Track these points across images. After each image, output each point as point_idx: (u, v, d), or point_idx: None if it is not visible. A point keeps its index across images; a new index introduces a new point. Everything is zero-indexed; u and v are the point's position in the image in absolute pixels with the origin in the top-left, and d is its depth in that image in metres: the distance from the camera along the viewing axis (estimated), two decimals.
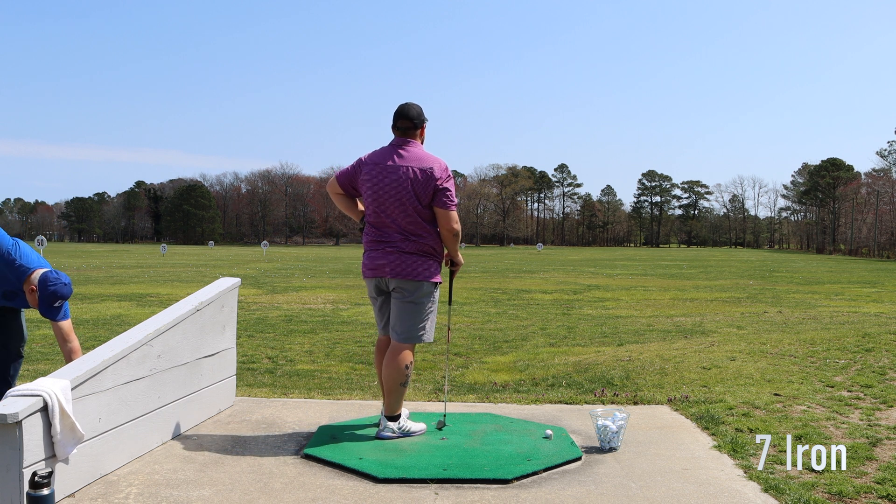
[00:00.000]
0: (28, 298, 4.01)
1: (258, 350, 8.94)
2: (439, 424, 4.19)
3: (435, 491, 3.29)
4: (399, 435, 4.02)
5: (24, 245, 4.11)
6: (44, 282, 3.92)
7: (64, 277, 4.01)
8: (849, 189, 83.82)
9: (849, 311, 13.21)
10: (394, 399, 3.99)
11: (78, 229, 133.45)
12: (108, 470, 3.40)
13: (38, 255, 4.13)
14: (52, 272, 3.99)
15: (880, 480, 3.39)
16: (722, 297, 17.21)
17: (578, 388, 6.11)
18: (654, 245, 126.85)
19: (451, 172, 4.04)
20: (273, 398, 5.19)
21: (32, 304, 4.01)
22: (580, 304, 15.47)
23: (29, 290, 3.97)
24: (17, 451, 2.81)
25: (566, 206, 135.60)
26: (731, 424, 4.37)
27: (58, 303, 3.97)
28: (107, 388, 3.36)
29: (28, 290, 3.97)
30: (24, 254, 4.03)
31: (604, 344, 9.32)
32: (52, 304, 3.96)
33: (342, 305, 14.69)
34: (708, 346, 7.71)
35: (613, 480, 3.44)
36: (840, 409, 4.75)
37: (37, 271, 3.99)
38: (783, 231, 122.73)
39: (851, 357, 6.61)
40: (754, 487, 3.34)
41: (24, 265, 3.99)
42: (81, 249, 66.25)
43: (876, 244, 67.68)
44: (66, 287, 3.99)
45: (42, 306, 3.96)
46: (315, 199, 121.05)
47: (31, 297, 3.99)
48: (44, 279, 3.93)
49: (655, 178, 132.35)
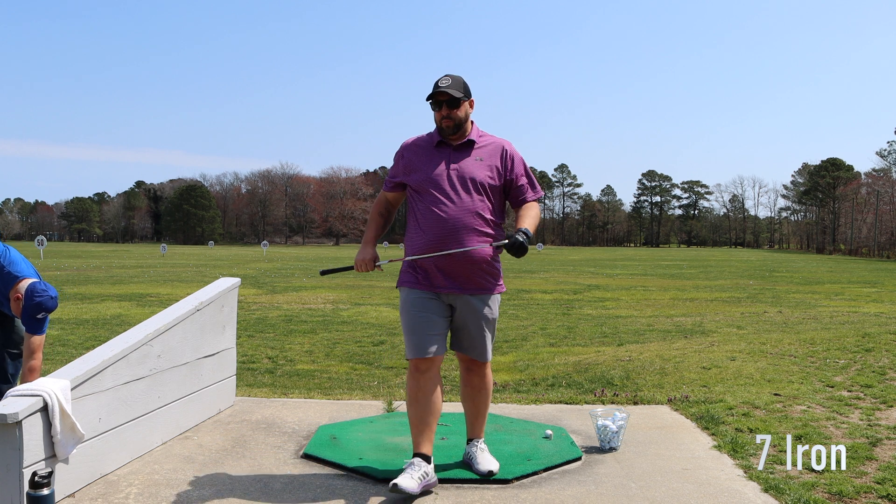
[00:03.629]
0: (12, 306, 3.96)
1: (258, 350, 8.94)
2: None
3: (435, 491, 3.29)
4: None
5: (14, 252, 4.09)
6: (31, 292, 3.89)
7: (51, 290, 3.97)
8: (849, 189, 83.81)
9: (849, 311, 13.21)
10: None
11: (78, 229, 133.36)
12: (108, 470, 3.40)
13: (29, 264, 4.10)
14: (40, 283, 3.96)
15: (880, 480, 3.39)
16: (722, 297, 17.20)
17: (578, 388, 6.11)
18: (654, 245, 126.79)
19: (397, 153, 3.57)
20: (273, 398, 5.18)
21: (15, 313, 3.97)
22: (580, 304, 15.46)
23: (14, 298, 3.93)
24: (17, 451, 2.81)
25: (566, 206, 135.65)
26: (731, 424, 4.37)
27: (41, 315, 3.92)
28: (107, 388, 3.35)
29: (13, 298, 3.93)
30: (13, 260, 4.00)
31: (604, 344, 9.32)
32: (36, 316, 3.91)
33: (342, 305, 14.69)
34: (708, 346, 7.71)
35: (613, 480, 3.44)
36: (840, 409, 4.75)
37: (25, 280, 3.96)
38: (783, 231, 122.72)
39: (851, 357, 6.61)
40: (754, 487, 3.34)
41: (11, 272, 3.96)
42: (81, 249, 66.23)
43: (876, 244, 67.66)
44: (53, 301, 3.94)
45: (24, 316, 3.91)
46: (315, 199, 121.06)
47: (15, 306, 3.94)
48: (31, 290, 3.89)
49: (655, 178, 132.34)
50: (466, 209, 3.33)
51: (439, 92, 3.33)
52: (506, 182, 3.46)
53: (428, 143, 3.46)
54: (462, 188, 3.34)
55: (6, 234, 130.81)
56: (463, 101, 3.36)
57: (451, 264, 3.33)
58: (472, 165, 3.39)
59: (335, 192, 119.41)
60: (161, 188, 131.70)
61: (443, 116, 3.36)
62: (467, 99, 3.40)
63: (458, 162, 3.39)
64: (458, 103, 3.35)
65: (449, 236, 3.30)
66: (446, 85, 3.33)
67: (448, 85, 3.34)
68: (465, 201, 3.33)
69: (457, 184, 3.34)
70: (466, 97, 3.39)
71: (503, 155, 3.46)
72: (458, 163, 3.39)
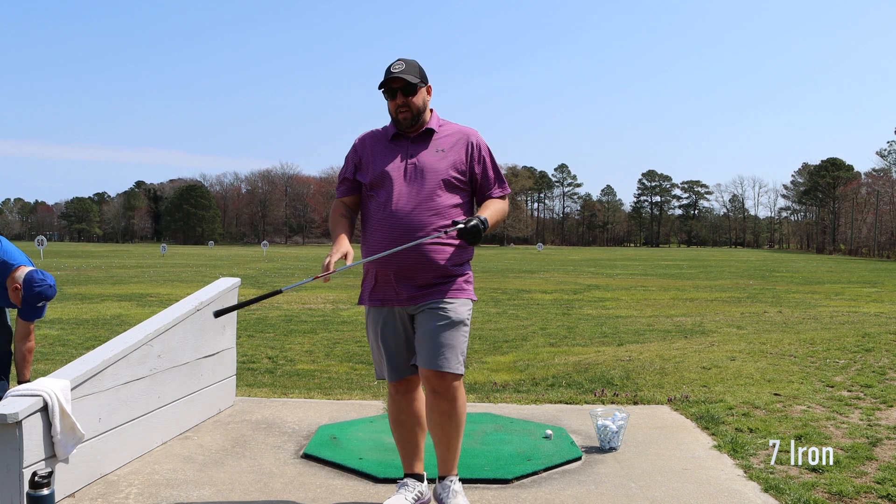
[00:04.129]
0: (10, 296, 3.99)
1: (258, 350, 8.94)
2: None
3: None
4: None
5: (6, 241, 4.11)
6: (29, 282, 3.91)
7: (49, 278, 4.00)
8: (849, 189, 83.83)
9: (849, 311, 13.21)
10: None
11: (78, 229, 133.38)
12: (108, 470, 3.40)
13: (21, 252, 4.14)
14: (37, 272, 3.99)
15: (880, 480, 3.39)
16: (722, 297, 17.20)
17: (578, 388, 6.11)
18: (654, 245, 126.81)
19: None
20: (273, 398, 5.19)
21: (14, 302, 4.00)
22: (580, 303, 15.46)
23: (12, 288, 3.95)
24: (17, 451, 2.81)
25: (566, 206, 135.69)
26: (731, 424, 4.37)
27: (41, 303, 3.96)
28: (107, 388, 3.35)
29: (11, 288, 3.95)
30: (6, 250, 4.03)
31: (604, 344, 9.32)
32: (36, 305, 3.95)
33: (342, 305, 14.69)
34: (708, 346, 7.71)
35: (613, 480, 3.44)
36: (840, 409, 4.75)
37: (21, 268, 3.98)
38: (783, 231, 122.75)
39: (851, 357, 6.61)
40: (754, 487, 3.34)
41: (6, 261, 3.98)
42: (81, 249, 66.22)
43: (876, 244, 67.67)
44: (52, 289, 3.99)
45: (25, 306, 3.95)
46: (315, 199, 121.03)
47: (13, 295, 3.96)
48: (29, 279, 3.92)
49: (655, 178, 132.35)
50: (424, 206, 2.92)
51: (393, 78, 2.93)
52: (471, 176, 3.05)
53: (383, 136, 3.08)
54: (419, 183, 2.94)
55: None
56: (420, 86, 2.98)
57: (407, 268, 2.93)
58: (432, 158, 2.99)
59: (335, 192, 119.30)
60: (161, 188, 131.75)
61: (398, 106, 2.96)
62: (424, 84, 3.02)
63: (416, 155, 2.99)
64: (415, 90, 2.96)
65: (405, 237, 2.90)
66: (400, 70, 2.93)
67: (402, 70, 2.93)
68: (423, 198, 2.93)
69: (414, 179, 2.95)
70: (423, 82, 3.01)
71: (468, 146, 3.04)
72: (416, 156, 2.99)
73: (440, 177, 2.96)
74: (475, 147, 3.06)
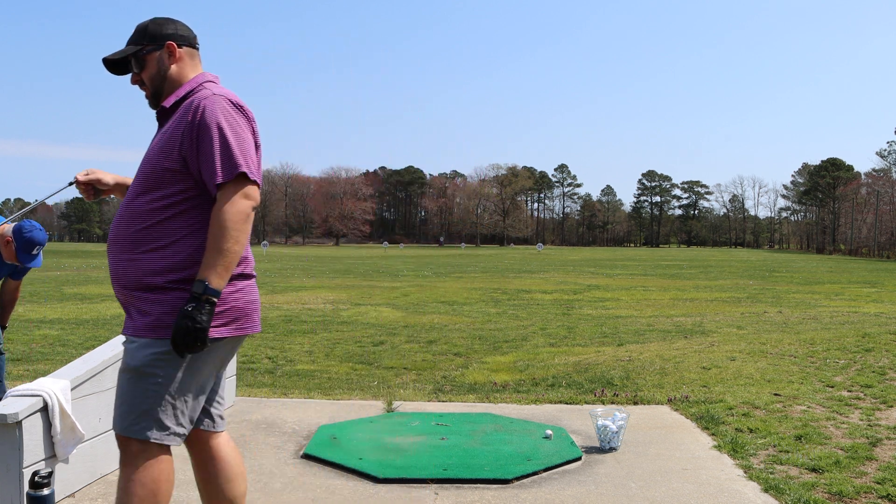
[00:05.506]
0: (3, 252, 4.04)
1: (258, 350, 8.94)
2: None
3: (435, 491, 3.29)
4: None
5: None
6: (19, 230, 4.00)
7: (36, 224, 4.07)
8: (849, 189, 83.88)
9: (849, 311, 13.21)
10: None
11: (78, 229, 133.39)
12: (108, 470, 3.40)
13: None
14: (25, 221, 4.06)
15: (880, 480, 3.39)
16: (722, 297, 17.20)
17: (578, 388, 6.11)
18: (654, 245, 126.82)
19: None
20: (273, 398, 5.19)
21: (8, 257, 4.05)
22: (580, 304, 15.46)
23: (4, 244, 4.01)
24: (17, 451, 2.81)
25: (566, 206, 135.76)
26: (731, 424, 4.37)
27: (35, 249, 4.03)
28: (107, 388, 3.35)
29: (3, 244, 4.01)
30: None
31: (604, 344, 9.32)
32: (31, 251, 4.02)
33: (342, 305, 14.69)
34: (708, 346, 7.71)
35: (613, 480, 3.44)
36: (840, 409, 4.75)
37: (4, 225, 4.03)
38: (783, 231, 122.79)
39: (851, 357, 6.61)
40: (754, 487, 3.34)
41: None
42: (81, 249, 66.22)
43: (876, 244, 67.68)
44: (42, 232, 4.10)
45: (21, 254, 4.02)
46: (315, 199, 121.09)
47: (6, 251, 4.03)
48: (18, 228, 4.02)
49: (655, 178, 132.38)
50: (124, 212, 2.25)
51: (104, 62, 2.32)
52: (189, 164, 2.18)
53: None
54: (134, 181, 2.28)
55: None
56: (143, 55, 2.26)
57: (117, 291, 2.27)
58: (153, 144, 2.27)
59: (335, 193, 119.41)
60: None
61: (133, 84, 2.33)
62: (154, 46, 2.26)
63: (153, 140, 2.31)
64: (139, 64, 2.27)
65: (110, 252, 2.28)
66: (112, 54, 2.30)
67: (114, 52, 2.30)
68: (127, 200, 2.26)
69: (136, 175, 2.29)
70: (150, 44, 2.26)
71: (187, 121, 2.17)
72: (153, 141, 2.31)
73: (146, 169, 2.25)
74: (195, 121, 2.17)
